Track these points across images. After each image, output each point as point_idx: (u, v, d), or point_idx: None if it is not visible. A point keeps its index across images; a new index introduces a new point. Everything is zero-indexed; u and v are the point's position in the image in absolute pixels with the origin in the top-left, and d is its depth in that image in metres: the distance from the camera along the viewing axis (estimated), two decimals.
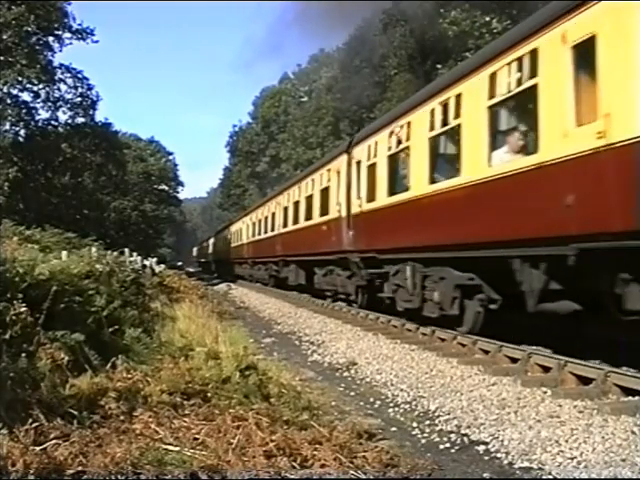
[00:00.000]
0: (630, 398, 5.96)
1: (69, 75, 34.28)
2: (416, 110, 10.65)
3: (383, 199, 12.00)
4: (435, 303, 9.83)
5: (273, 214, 25.44)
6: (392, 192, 11.61)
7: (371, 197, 12.72)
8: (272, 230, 25.27)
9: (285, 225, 22.48)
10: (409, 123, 10.85)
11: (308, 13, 64.83)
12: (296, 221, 20.56)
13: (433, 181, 9.85)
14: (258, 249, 29.09)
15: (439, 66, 27.04)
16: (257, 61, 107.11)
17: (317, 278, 18.27)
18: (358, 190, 13.67)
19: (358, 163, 13.82)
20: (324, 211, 16.75)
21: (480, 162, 8.35)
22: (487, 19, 23.16)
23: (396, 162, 11.78)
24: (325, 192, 16.82)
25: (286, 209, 22.56)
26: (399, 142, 11.32)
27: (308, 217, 18.75)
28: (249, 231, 32.53)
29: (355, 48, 42.75)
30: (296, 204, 20.76)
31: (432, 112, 9.86)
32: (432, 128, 9.88)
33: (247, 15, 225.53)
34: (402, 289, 11.22)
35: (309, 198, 18.85)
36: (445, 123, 9.47)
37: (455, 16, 23.84)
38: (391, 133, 11.72)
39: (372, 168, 12.80)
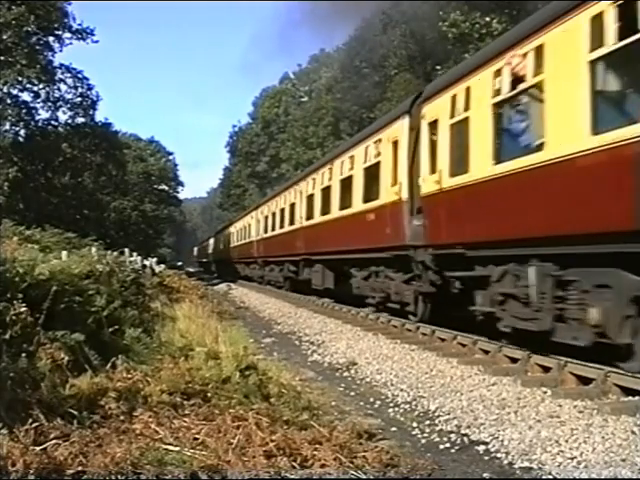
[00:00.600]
0: (630, 398, 5.96)
1: (69, 75, 34.38)
2: (557, 24, 6.89)
3: (483, 168, 8.31)
4: (589, 325, 6.49)
5: (292, 205, 21.74)
6: (500, 157, 8.00)
7: (459, 168, 9.04)
8: (291, 224, 21.69)
9: (310, 217, 18.76)
10: (539, 48, 7.18)
11: (317, 12, 64.69)
12: (326, 211, 16.80)
13: (597, 131, 6.17)
14: (271, 247, 25.63)
15: (438, 67, 27.12)
16: (264, 62, 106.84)
17: (356, 282, 14.53)
18: (432, 162, 10.00)
19: (433, 124, 10.07)
20: (371, 195, 13.14)
21: None
22: (487, 19, 23.16)
23: (510, 112, 8.05)
24: (372, 171, 13.11)
25: (311, 198, 18.82)
26: (517, 81, 7.60)
27: (344, 205, 15.03)
28: (260, 227, 28.95)
29: (355, 48, 42.81)
30: (326, 190, 16.95)
31: (595, 21, 6.20)
32: (597, 46, 6.18)
33: (247, 15, 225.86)
34: (514, 301, 7.81)
35: (346, 181, 15.05)
36: (628, 31, 5.78)
37: (454, 18, 23.83)
38: (499, 71, 7.99)
39: (460, 127, 9.11)
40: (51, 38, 32.36)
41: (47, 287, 5.93)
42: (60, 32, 32.27)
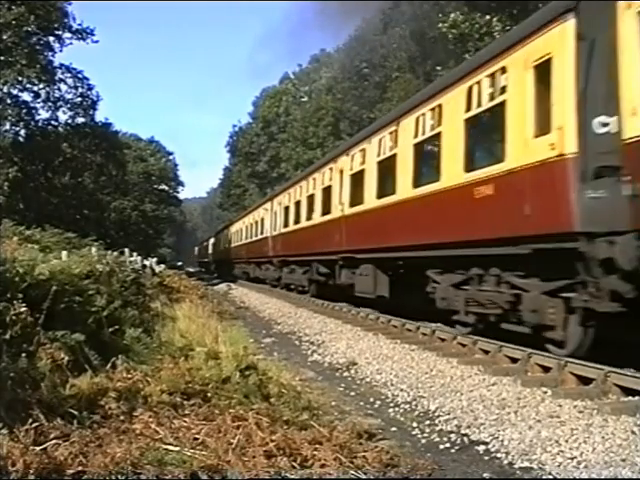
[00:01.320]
0: (630, 398, 5.96)
1: (69, 75, 34.40)
2: None
3: None
4: None
5: (327, 189, 16.99)
6: None
7: None
8: (325, 214, 17.05)
9: (357, 202, 14.15)
10: None
11: (327, 12, 64.59)
12: (385, 192, 12.34)
13: None
14: (294, 244, 21.22)
15: (439, 67, 27.14)
16: (274, 64, 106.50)
17: (441, 290, 10.16)
18: None
19: None
20: (481, 159, 9.06)
21: None
22: (487, 18, 23.15)
23: None
24: (485, 120, 8.99)
25: (358, 176, 14.17)
26: None
27: (423, 180, 10.69)
28: (277, 220, 24.60)
29: (355, 48, 42.88)
30: (386, 163, 12.42)
31: None
32: None
33: (247, 15, 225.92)
34: None
35: (426, 144, 10.87)
36: None
37: (454, 19, 23.83)
38: None
39: None
40: (51, 38, 32.39)
41: (47, 287, 5.93)
42: (60, 32, 32.32)
